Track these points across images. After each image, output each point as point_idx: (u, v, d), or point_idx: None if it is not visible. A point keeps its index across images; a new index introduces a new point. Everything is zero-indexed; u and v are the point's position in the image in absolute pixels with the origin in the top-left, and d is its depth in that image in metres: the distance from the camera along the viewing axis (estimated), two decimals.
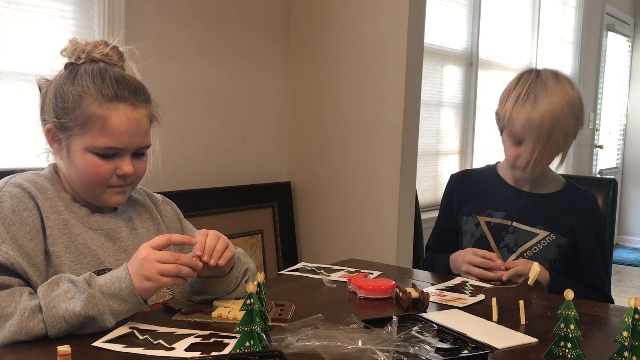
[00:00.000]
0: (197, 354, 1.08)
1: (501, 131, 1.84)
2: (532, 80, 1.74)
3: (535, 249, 1.81)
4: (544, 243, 1.81)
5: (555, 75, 1.76)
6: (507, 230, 1.84)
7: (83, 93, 1.27)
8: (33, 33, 2.14)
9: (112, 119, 1.26)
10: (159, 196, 1.53)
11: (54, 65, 1.34)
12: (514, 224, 1.83)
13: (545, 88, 1.71)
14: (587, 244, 1.83)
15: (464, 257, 1.77)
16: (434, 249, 2.01)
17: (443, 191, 2.02)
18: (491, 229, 1.85)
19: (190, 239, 1.27)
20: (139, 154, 1.33)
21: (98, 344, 1.12)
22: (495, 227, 1.85)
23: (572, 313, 1.13)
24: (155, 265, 1.18)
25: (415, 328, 1.15)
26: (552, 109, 1.68)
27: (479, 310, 1.43)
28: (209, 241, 1.27)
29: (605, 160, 6.60)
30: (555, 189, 1.88)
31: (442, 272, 1.86)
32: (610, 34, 6.30)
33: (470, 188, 1.95)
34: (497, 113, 1.84)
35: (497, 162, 1.97)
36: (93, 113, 1.26)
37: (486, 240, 1.84)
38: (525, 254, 1.80)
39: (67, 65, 1.32)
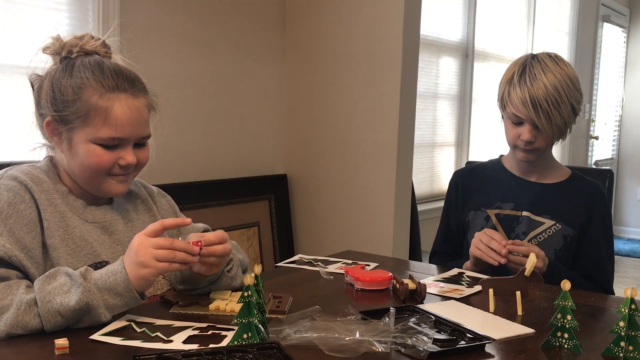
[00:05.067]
0: (195, 346, 1.08)
1: (502, 115, 1.85)
2: (528, 61, 1.77)
3: (540, 238, 1.80)
4: (549, 232, 1.81)
5: (551, 55, 1.79)
6: (517, 221, 1.83)
7: (83, 85, 1.27)
8: (27, 26, 2.13)
9: (114, 109, 1.26)
10: (155, 188, 1.53)
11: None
12: (524, 213, 1.83)
13: (541, 67, 1.74)
14: (591, 232, 1.82)
15: (476, 235, 1.72)
16: (441, 252, 1.98)
17: (446, 185, 1.98)
18: (501, 221, 1.85)
19: (184, 220, 1.31)
20: (140, 144, 1.33)
21: (95, 337, 1.12)
22: (505, 218, 1.85)
23: (569, 304, 1.13)
24: (150, 251, 1.17)
25: (413, 319, 1.16)
26: (550, 84, 1.71)
27: (476, 301, 1.44)
28: (209, 235, 1.27)
29: (601, 151, 6.61)
30: (561, 179, 1.87)
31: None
32: (605, 24, 6.30)
33: (475, 182, 1.94)
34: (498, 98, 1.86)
35: (501, 155, 1.97)
36: (94, 104, 1.26)
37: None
38: (530, 242, 1.79)
39: (62, 59, 1.32)
